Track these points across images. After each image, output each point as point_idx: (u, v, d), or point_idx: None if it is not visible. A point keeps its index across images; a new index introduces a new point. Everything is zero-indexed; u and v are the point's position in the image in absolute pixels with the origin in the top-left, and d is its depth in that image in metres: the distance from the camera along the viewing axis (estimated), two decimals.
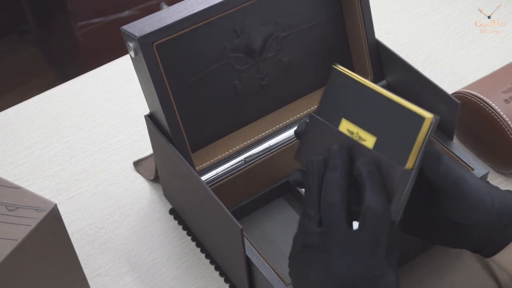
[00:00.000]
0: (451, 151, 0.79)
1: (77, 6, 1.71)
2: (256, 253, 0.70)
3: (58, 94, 1.02)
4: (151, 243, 0.84)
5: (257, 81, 0.80)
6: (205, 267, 0.81)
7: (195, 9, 0.71)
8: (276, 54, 0.80)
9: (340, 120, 0.60)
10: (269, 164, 0.81)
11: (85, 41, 1.75)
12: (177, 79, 0.74)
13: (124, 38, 0.71)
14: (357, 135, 0.59)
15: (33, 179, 0.91)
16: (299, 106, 0.84)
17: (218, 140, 0.80)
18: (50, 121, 0.98)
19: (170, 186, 0.84)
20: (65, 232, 0.66)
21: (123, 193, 0.89)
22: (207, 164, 0.78)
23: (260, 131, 0.81)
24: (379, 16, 1.08)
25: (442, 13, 1.09)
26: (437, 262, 0.79)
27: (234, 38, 0.76)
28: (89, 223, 0.86)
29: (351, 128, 0.59)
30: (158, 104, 0.72)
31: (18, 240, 0.59)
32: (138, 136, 0.95)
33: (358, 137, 0.58)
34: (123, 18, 1.76)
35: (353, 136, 0.59)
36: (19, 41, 2.04)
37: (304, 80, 0.84)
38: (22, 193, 0.63)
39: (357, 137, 0.58)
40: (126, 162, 0.92)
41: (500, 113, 0.84)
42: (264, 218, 0.84)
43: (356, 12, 0.82)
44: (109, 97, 1.01)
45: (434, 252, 0.79)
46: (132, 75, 0.79)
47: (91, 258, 0.82)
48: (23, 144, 0.95)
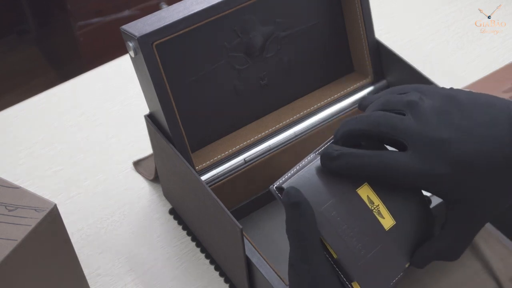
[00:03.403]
0: None
1: (77, 6, 1.71)
2: (256, 253, 0.70)
3: (58, 94, 1.02)
4: (151, 243, 0.84)
5: (257, 81, 0.80)
6: (205, 267, 0.81)
7: (195, 9, 0.71)
8: (276, 53, 0.80)
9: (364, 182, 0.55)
10: (269, 164, 0.81)
11: (85, 41, 1.75)
12: (177, 79, 0.74)
13: (124, 38, 0.71)
14: (377, 208, 0.55)
15: (33, 179, 0.91)
16: (299, 106, 0.84)
17: (218, 140, 0.80)
18: (50, 121, 0.98)
19: (170, 186, 0.84)
20: (65, 232, 0.66)
21: (123, 193, 0.89)
22: (207, 164, 0.78)
23: (260, 131, 0.81)
24: (379, 16, 1.07)
25: (442, 13, 1.09)
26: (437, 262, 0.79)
27: (234, 38, 0.76)
28: (89, 223, 0.86)
29: (373, 198, 0.55)
30: (158, 104, 0.72)
31: (18, 240, 0.59)
32: (138, 136, 0.95)
33: (378, 210, 0.55)
34: (123, 18, 1.76)
35: (373, 205, 0.55)
36: (19, 41, 2.04)
37: (304, 80, 0.84)
38: (22, 193, 0.63)
39: (377, 210, 0.55)
40: (126, 162, 0.92)
41: None
42: (264, 218, 0.84)
43: (356, 12, 0.82)
44: (109, 97, 1.01)
45: None
46: (132, 75, 0.79)
47: (91, 258, 0.82)
48: (23, 144, 0.95)
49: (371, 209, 0.54)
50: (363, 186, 0.55)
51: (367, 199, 0.54)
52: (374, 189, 0.55)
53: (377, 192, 0.55)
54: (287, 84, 0.83)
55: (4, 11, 1.97)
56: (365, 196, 0.55)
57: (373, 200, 0.55)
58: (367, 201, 0.54)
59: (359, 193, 0.55)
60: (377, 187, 0.55)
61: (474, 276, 0.77)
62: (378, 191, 0.55)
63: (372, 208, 0.54)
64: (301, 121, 0.82)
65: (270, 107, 0.83)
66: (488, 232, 0.80)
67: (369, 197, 0.55)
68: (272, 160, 0.81)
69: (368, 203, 0.54)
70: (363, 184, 0.55)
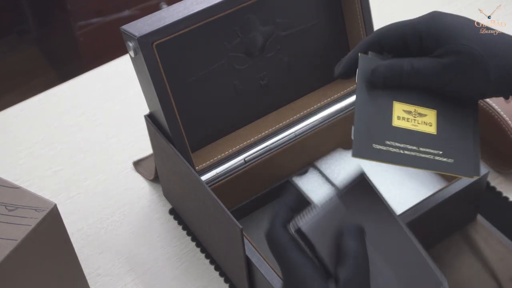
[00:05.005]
0: None
1: (77, 6, 1.71)
2: (256, 253, 0.70)
3: (58, 94, 1.02)
4: (151, 243, 0.84)
5: (257, 80, 0.80)
6: (205, 267, 0.81)
7: (195, 8, 0.71)
8: (276, 53, 0.80)
9: (392, 103, 0.58)
10: (269, 164, 0.81)
11: (85, 41, 1.75)
12: (177, 79, 0.74)
13: (124, 38, 0.71)
14: (416, 112, 0.58)
15: (33, 179, 0.91)
16: (299, 106, 0.84)
17: (218, 140, 0.80)
18: (50, 121, 0.98)
19: (170, 186, 0.84)
20: (65, 232, 0.66)
21: (123, 193, 0.89)
22: (207, 164, 0.78)
23: (260, 131, 0.81)
24: (379, 16, 1.07)
25: None
26: (437, 262, 0.79)
27: (234, 38, 0.76)
28: (89, 223, 0.86)
29: (407, 108, 0.58)
30: (158, 104, 0.72)
31: (18, 240, 0.59)
32: (138, 136, 0.95)
33: (418, 113, 0.58)
34: (123, 18, 1.76)
35: (412, 114, 0.58)
36: (19, 41, 2.04)
37: (304, 80, 0.84)
38: (22, 193, 0.63)
39: (416, 114, 0.58)
40: (126, 162, 0.92)
41: (500, 112, 0.84)
42: (264, 218, 0.84)
43: (356, 12, 0.82)
44: (109, 97, 1.01)
45: (434, 253, 0.79)
46: (132, 75, 0.79)
47: (91, 258, 0.82)
48: (23, 144, 0.95)
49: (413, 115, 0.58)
50: (394, 105, 0.58)
51: (404, 112, 0.58)
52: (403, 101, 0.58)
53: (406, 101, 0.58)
54: (287, 84, 0.83)
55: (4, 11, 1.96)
56: (400, 111, 0.58)
57: (409, 109, 0.58)
58: (405, 113, 0.58)
59: (396, 112, 0.58)
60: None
61: (474, 276, 0.77)
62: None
63: (412, 114, 0.58)
64: (301, 121, 0.82)
65: (270, 107, 0.83)
66: (488, 232, 0.80)
67: (404, 110, 0.58)
68: (272, 160, 0.81)
69: (406, 114, 0.58)
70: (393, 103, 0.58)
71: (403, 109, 0.58)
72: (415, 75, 0.60)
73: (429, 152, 0.58)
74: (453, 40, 0.60)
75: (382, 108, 0.59)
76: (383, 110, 0.59)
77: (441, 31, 0.61)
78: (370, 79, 0.61)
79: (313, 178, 0.84)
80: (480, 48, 0.59)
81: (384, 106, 0.59)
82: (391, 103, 0.59)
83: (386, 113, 0.59)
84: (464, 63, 0.59)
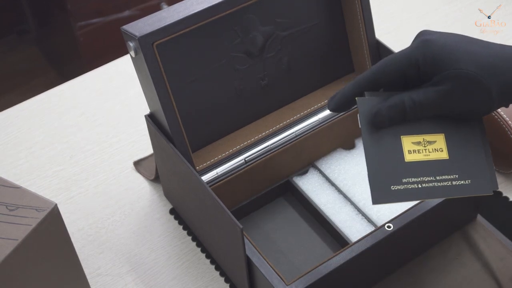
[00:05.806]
0: None
1: (77, 6, 1.71)
2: (256, 253, 0.70)
3: (58, 94, 1.02)
4: (151, 243, 0.84)
5: (257, 81, 0.80)
6: (205, 267, 0.81)
7: (195, 9, 0.71)
8: (276, 54, 0.80)
9: (399, 139, 0.59)
10: (269, 164, 0.81)
11: (85, 41, 1.75)
12: (177, 79, 0.74)
13: (124, 38, 0.71)
14: (425, 141, 0.58)
15: (33, 179, 0.91)
16: (299, 106, 0.84)
17: (218, 140, 0.80)
18: (50, 121, 0.98)
19: (170, 186, 0.84)
20: (65, 232, 0.66)
21: (123, 193, 0.89)
22: (208, 164, 0.78)
23: (260, 131, 0.81)
24: (379, 16, 1.07)
25: (442, 13, 1.09)
26: (437, 262, 0.79)
27: (234, 38, 0.76)
28: (89, 223, 0.86)
29: (416, 139, 0.58)
30: (158, 104, 0.72)
31: (19, 240, 0.59)
32: (138, 136, 0.95)
33: (427, 142, 0.58)
34: (123, 18, 1.76)
35: (422, 144, 0.58)
36: (19, 41, 2.04)
37: (304, 80, 0.84)
38: (22, 193, 0.63)
39: (426, 142, 0.58)
40: (126, 162, 0.92)
41: (500, 113, 0.84)
42: (264, 218, 0.84)
43: (356, 12, 0.82)
44: (109, 97, 1.01)
45: (434, 253, 0.79)
46: (132, 75, 0.79)
47: (91, 258, 0.82)
48: (23, 144, 0.95)
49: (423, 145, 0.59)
50: (403, 140, 0.59)
51: (414, 144, 0.59)
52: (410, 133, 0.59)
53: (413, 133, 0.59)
54: (287, 84, 0.83)
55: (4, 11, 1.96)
56: (409, 144, 0.59)
57: (418, 140, 0.59)
58: (415, 146, 0.59)
59: (405, 147, 0.58)
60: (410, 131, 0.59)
61: (474, 276, 0.77)
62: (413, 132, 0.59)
63: (422, 144, 0.59)
64: (301, 121, 0.83)
65: (270, 107, 0.83)
66: (488, 232, 0.80)
67: (413, 142, 0.59)
68: (272, 160, 0.81)
69: (416, 146, 0.59)
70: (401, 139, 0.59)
71: (412, 142, 0.58)
72: (419, 109, 0.60)
73: (445, 179, 0.59)
74: (449, 65, 0.59)
75: (391, 146, 0.59)
76: (393, 148, 0.59)
77: (437, 57, 0.60)
78: (374, 122, 0.61)
79: (313, 178, 0.84)
80: (477, 69, 0.59)
81: (392, 144, 0.59)
82: (399, 139, 0.59)
83: (396, 150, 0.59)
84: (465, 88, 0.59)
